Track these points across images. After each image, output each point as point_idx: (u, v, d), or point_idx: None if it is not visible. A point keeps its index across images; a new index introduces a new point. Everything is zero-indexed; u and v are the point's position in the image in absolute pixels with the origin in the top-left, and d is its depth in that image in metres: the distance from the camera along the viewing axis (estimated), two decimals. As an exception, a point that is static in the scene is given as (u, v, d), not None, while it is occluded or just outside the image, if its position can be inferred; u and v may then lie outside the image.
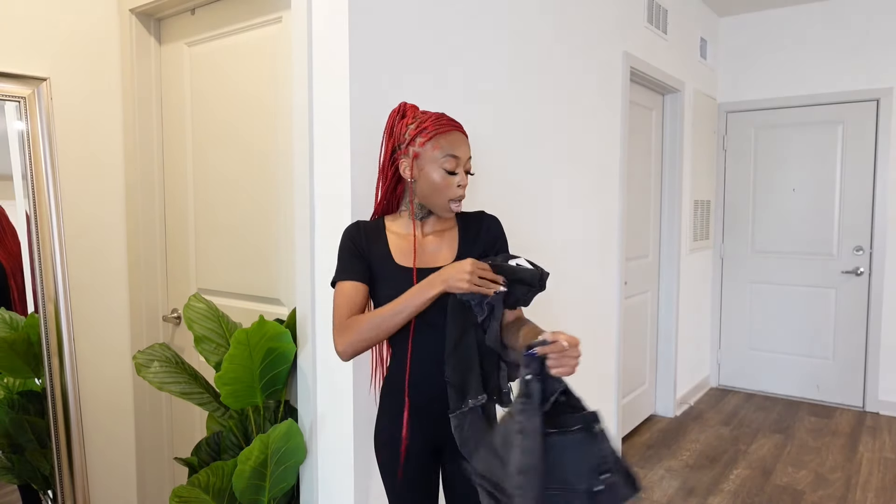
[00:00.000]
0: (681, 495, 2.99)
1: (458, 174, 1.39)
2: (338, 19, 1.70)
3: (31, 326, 2.14)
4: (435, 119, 1.41)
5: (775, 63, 4.44)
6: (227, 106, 2.20)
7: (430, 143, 1.38)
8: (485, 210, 2.19)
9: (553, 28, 2.56)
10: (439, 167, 1.38)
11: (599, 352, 3.09)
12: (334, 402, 1.79)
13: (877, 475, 3.22)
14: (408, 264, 1.43)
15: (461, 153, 1.40)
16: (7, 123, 2.12)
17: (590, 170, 2.92)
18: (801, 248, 4.39)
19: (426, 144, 1.39)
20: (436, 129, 1.39)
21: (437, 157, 1.38)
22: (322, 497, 1.85)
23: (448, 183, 1.39)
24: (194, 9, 2.27)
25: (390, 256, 1.43)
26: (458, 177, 1.39)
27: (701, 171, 4.38)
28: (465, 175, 1.41)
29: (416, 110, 1.46)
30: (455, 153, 1.38)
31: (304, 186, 1.81)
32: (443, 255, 1.46)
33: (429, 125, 1.40)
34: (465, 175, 1.41)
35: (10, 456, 2.15)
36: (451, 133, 1.40)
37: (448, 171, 1.38)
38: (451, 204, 1.41)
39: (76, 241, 2.29)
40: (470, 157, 1.43)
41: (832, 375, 4.34)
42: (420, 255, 1.45)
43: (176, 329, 2.47)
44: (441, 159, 1.38)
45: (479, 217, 1.55)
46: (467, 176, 1.43)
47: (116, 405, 2.44)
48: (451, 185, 1.39)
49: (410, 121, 1.43)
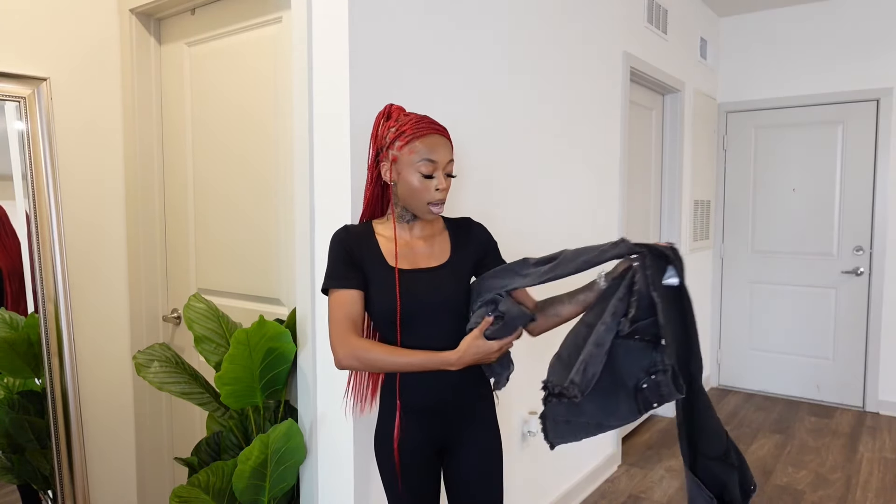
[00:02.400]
0: (681, 495, 2.99)
1: (436, 178, 1.39)
2: (338, 19, 1.70)
3: (31, 326, 2.14)
4: (414, 122, 1.40)
5: (775, 63, 4.44)
6: (227, 106, 2.20)
7: (408, 146, 1.38)
8: (487, 211, 2.20)
9: (553, 28, 2.56)
10: (416, 171, 1.38)
11: (599, 352, 3.09)
12: (334, 402, 1.79)
13: (877, 475, 3.22)
14: (400, 266, 1.43)
15: (438, 157, 1.39)
16: (7, 123, 2.12)
17: (590, 170, 2.92)
18: (801, 248, 4.39)
19: (403, 148, 1.39)
20: (413, 132, 1.39)
21: (414, 161, 1.38)
22: (322, 497, 1.85)
23: (425, 187, 1.39)
24: (194, 9, 2.27)
25: (383, 259, 1.43)
26: (436, 180, 1.39)
27: (701, 171, 4.38)
28: (443, 178, 1.40)
29: (402, 112, 1.45)
30: (431, 157, 1.38)
31: (304, 186, 1.81)
32: (435, 257, 1.47)
33: (407, 129, 1.40)
34: (445, 178, 1.40)
35: (10, 456, 2.15)
36: (429, 136, 1.39)
37: (424, 175, 1.38)
38: (431, 207, 1.40)
39: (76, 241, 2.29)
40: (451, 161, 1.42)
41: (832, 375, 4.34)
42: (412, 257, 1.45)
43: (176, 329, 2.47)
44: (417, 163, 1.38)
45: (467, 223, 1.57)
46: (448, 179, 1.42)
47: (116, 405, 2.44)
48: (428, 188, 1.39)
49: (393, 123, 1.42)
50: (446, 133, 1.44)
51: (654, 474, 3.23)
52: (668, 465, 3.33)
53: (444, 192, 1.40)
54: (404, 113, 1.45)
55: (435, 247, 1.48)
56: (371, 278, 1.42)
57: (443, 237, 1.51)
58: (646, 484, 3.12)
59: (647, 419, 4.02)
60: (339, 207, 1.74)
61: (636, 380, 1.34)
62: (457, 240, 1.51)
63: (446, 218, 1.57)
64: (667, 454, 3.48)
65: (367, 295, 1.43)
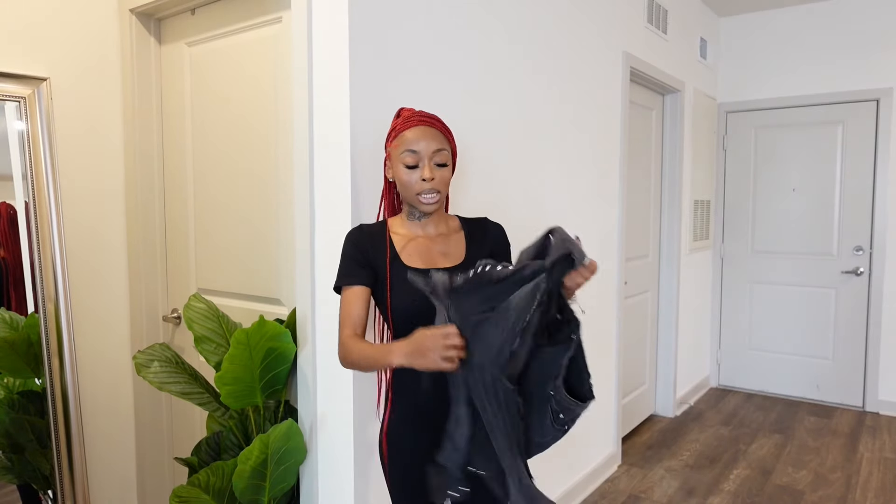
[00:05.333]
0: (681, 495, 2.99)
1: (420, 168, 1.39)
2: (338, 19, 1.70)
3: (31, 326, 2.14)
4: (405, 117, 1.43)
5: (775, 63, 4.44)
6: (227, 106, 2.20)
7: (396, 140, 1.42)
8: (487, 211, 2.20)
9: (553, 28, 2.56)
10: (401, 163, 1.40)
11: (599, 352, 3.09)
12: (334, 402, 1.79)
13: (877, 475, 3.22)
14: (415, 264, 1.43)
15: (421, 147, 1.38)
16: (7, 123, 2.12)
17: (590, 170, 2.92)
18: (801, 248, 4.39)
19: (392, 143, 1.43)
20: (400, 126, 1.42)
21: (399, 154, 1.40)
22: (322, 497, 1.85)
23: (411, 178, 1.39)
24: (194, 9, 2.27)
25: (398, 257, 1.43)
26: (420, 171, 1.39)
27: (701, 171, 4.38)
28: (429, 168, 1.38)
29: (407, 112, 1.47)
30: (413, 147, 1.38)
31: (304, 186, 1.81)
32: (451, 257, 1.46)
33: (398, 124, 1.43)
34: (431, 168, 1.38)
35: (10, 456, 2.15)
36: (414, 128, 1.40)
37: (408, 166, 1.39)
38: (421, 198, 1.39)
39: (76, 241, 2.29)
40: (440, 150, 1.39)
41: (832, 375, 4.34)
42: (428, 256, 1.45)
43: (176, 329, 2.47)
44: (402, 155, 1.39)
45: (483, 223, 1.56)
46: (440, 169, 1.40)
47: (116, 405, 2.44)
48: (413, 179, 1.39)
49: (395, 122, 1.46)
50: (435, 123, 1.43)
51: (654, 474, 3.23)
52: (668, 465, 3.33)
53: (432, 181, 1.38)
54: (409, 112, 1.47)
55: (451, 246, 1.48)
56: (385, 276, 1.42)
57: (458, 236, 1.51)
58: (646, 484, 3.12)
59: (647, 419, 4.02)
60: (340, 207, 1.74)
61: (552, 386, 1.23)
62: (472, 239, 1.51)
63: (463, 217, 1.56)
64: (667, 454, 3.48)
65: (384, 293, 1.42)
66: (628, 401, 3.68)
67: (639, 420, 3.88)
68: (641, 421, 3.93)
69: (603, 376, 3.15)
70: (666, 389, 4.10)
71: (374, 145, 1.76)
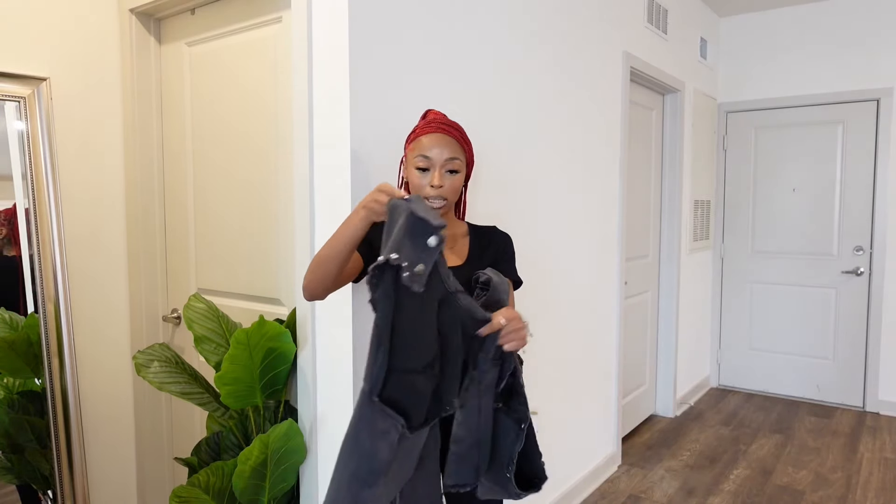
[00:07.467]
0: (681, 495, 2.99)
1: (430, 174, 1.41)
2: (338, 19, 1.70)
3: (31, 326, 2.14)
4: (427, 122, 1.46)
5: (775, 63, 4.44)
6: (227, 106, 2.20)
7: (412, 144, 1.45)
8: (487, 211, 2.20)
9: (553, 28, 2.56)
10: (413, 168, 1.43)
11: (599, 352, 3.09)
12: (334, 402, 1.79)
13: (877, 475, 3.22)
14: None
15: (434, 154, 1.41)
16: (7, 123, 2.12)
17: (589, 170, 2.92)
18: (801, 248, 4.39)
19: (409, 146, 1.46)
20: (420, 131, 1.45)
21: (412, 158, 1.43)
22: (322, 497, 1.85)
23: (421, 182, 1.42)
24: (194, 9, 2.27)
25: None
26: (430, 177, 1.41)
27: (701, 171, 4.38)
28: (439, 176, 1.40)
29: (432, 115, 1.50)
30: (426, 153, 1.41)
31: (304, 186, 1.81)
32: (452, 258, 1.49)
33: (419, 127, 1.46)
34: (441, 176, 1.40)
35: (10, 456, 2.15)
36: (431, 134, 1.43)
37: (419, 170, 1.42)
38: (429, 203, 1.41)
39: (76, 241, 2.29)
40: (452, 159, 1.42)
41: (832, 375, 4.34)
42: None
43: (176, 329, 2.47)
44: (415, 159, 1.42)
45: (490, 231, 1.59)
46: (449, 176, 1.41)
47: (116, 405, 2.44)
48: (423, 184, 1.42)
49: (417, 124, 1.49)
50: (452, 132, 1.44)
51: (654, 474, 3.23)
52: (668, 465, 3.33)
53: (440, 189, 1.40)
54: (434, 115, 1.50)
55: (455, 248, 1.52)
56: None
57: (463, 241, 1.54)
58: (646, 484, 3.12)
59: (647, 419, 4.02)
60: (340, 207, 1.74)
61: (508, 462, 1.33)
62: (477, 244, 1.54)
63: (472, 224, 1.59)
64: (667, 454, 3.48)
65: None
66: (628, 401, 3.68)
67: (639, 420, 3.88)
68: (641, 421, 3.93)
69: (603, 376, 3.15)
70: (666, 389, 4.10)
71: (375, 145, 1.76)
